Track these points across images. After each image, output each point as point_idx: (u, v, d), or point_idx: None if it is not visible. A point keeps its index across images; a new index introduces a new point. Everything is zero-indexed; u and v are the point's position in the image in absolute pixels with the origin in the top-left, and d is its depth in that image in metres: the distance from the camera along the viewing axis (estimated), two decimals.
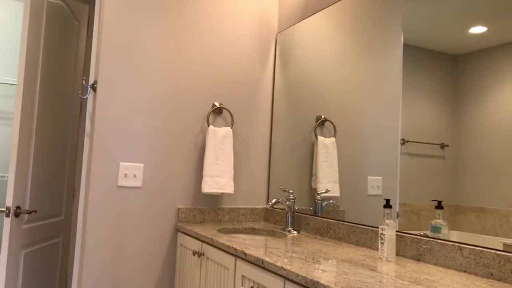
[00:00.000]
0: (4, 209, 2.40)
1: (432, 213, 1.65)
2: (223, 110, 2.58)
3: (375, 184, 1.98)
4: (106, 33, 2.32)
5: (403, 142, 1.83)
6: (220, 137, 2.45)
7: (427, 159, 1.71)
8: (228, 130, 2.49)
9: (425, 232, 1.66)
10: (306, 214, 2.32)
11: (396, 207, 1.80)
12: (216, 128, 2.46)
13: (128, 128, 2.35)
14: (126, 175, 2.33)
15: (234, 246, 1.75)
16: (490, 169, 1.46)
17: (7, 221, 2.38)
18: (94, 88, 2.34)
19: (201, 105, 2.54)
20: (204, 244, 2.05)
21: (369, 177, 2.00)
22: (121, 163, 2.32)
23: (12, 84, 5.10)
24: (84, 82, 2.56)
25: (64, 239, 3.07)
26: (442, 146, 1.65)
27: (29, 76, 2.43)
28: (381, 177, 1.93)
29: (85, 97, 2.40)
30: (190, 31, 2.53)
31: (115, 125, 2.32)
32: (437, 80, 1.71)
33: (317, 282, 1.24)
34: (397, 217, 1.79)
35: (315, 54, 2.42)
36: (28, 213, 2.53)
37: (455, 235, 1.54)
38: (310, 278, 1.27)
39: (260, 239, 2.00)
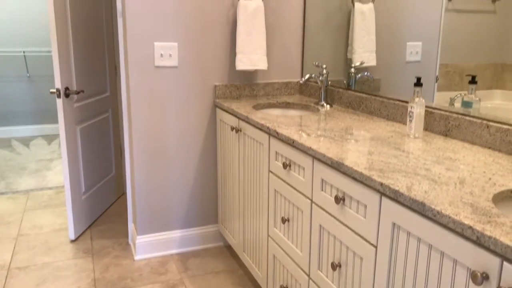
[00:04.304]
0: (54, 90, 2.57)
1: (476, 73, 1.62)
2: None
3: (414, 50, 1.93)
4: None
5: None
6: (251, 12, 2.39)
7: (475, 15, 1.63)
8: (259, 3, 2.40)
9: (465, 92, 1.65)
10: (340, 88, 2.34)
11: (436, 71, 1.78)
12: (247, 2, 2.39)
13: (158, 6, 2.32)
14: (161, 55, 2.38)
15: (268, 124, 1.85)
16: None
17: (59, 102, 2.57)
18: None
19: None
20: (240, 121, 2.17)
21: (408, 43, 1.95)
22: (155, 43, 2.36)
23: None
24: None
25: (113, 112, 3.30)
26: None
27: None
28: (420, 43, 1.88)
29: None
30: None
31: (145, 4, 2.30)
32: None
33: (342, 164, 1.34)
34: (436, 81, 1.78)
35: None
36: (76, 93, 2.70)
37: (498, 94, 1.54)
38: (336, 159, 1.37)
39: (293, 115, 2.08)
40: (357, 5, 2.21)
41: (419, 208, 1.04)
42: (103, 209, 3.15)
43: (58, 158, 4.48)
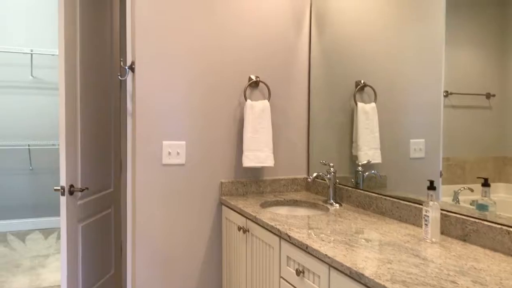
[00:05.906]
0: (59, 188, 2.54)
1: (479, 166, 1.62)
2: (260, 83, 2.56)
3: (417, 147, 1.95)
4: (139, 11, 2.30)
5: (446, 94, 1.77)
6: (257, 111, 2.45)
7: (472, 110, 1.66)
8: (265, 103, 2.47)
9: (470, 186, 1.63)
10: (348, 186, 2.32)
11: (439, 166, 1.77)
12: (254, 103, 2.46)
13: (168, 107, 2.38)
14: (169, 153, 2.40)
15: (278, 227, 1.80)
16: None
17: (63, 200, 2.53)
18: (132, 69, 2.37)
19: (238, 80, 2.52)
20: (248, 221, 2.11)
21: (411, 140, 1.97)
22: (164, 142, 2.38)
23: (53, 55, 5.21)
24: (122, 64, 2.58)
25: (115, 208, 3.24)
26: (488, 96, 1.59)
27: (69, 46, 2.46)
28: (423, 140, 1.90)
29: (124, 78, 2.43)
30: (222, 5, 2.47)
31: (156, 105, 2.36)
32: (483, 25, 1.61)
33: (362, 274, 1.27)
34: (440, 176, 1.77)
35: (352, 15, 2.31)
36: (81, 191, 2.67)
37: (502, 188, 1.52)
38: (355, 269, 1.30)
39: (302, 215, 2.04)
40: (360, 104, 2.27)
41: None
42: None
43: (54, 253, 4.32)
